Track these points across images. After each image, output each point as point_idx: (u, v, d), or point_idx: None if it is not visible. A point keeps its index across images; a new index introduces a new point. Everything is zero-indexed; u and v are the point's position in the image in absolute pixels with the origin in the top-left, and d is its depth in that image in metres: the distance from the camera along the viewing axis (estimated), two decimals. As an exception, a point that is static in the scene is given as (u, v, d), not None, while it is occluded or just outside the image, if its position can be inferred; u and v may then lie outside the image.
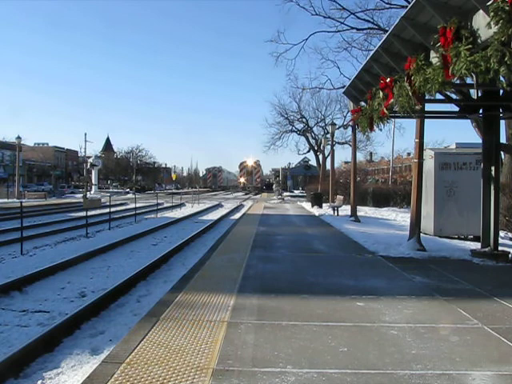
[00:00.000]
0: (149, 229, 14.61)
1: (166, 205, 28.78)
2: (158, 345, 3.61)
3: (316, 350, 3.54)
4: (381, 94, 7.45)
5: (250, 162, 72.82)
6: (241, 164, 74.97)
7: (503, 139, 13.57)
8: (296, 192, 59.41)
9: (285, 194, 47.32)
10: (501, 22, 4.33)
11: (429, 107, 8.85)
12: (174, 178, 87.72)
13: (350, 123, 15.90)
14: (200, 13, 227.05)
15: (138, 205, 22.10)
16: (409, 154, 63.25)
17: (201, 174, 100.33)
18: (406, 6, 7.72)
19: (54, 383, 3.82)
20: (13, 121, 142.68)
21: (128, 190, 65.88)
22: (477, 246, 8.80)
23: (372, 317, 4.45)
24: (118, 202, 30.15)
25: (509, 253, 7.99)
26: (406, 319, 4.40)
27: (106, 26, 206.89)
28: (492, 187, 8.08)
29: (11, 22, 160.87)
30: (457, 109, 8.61)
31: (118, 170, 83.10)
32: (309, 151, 52.62)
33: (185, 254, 10.48)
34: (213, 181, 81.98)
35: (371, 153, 72.01)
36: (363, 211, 19.70)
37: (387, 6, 21.44)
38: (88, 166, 50.99)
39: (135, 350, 3.48)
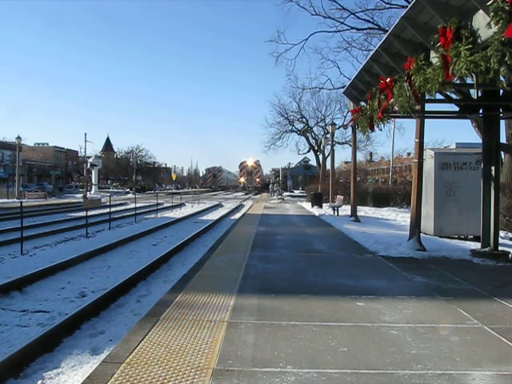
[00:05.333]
0: (149, 229, 14.61)
1: (165, 205, 28.77)
2: (158, 345, 3.61)
3: (316, 350, 3.54)
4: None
5: (250, 162, 72.84)
6: (241, 164, 75.01)
7: (503, 139, 13.60)
8: (296, 192, 59.39)
9: (285, 193, 47.36)
10: (501, 22, 4.34)
11: (429, 107, 8.86)
12: (173, 178, 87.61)
13: (350, 123, 15.89)
14: (200, 13, 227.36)
15: (137, 205, 22.10)
16: (409, 153, 63.19)
17: (201, 174, 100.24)
18: (406, 6, 7.72)
19: (54, 383, 3.82)
20: (13, 121, 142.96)
21: (128, 189, 65.88)
22: (477, 245, 8.80)
23: (372, 317, 4.45)
24: (118, 202, 30.15)
25: (509, 253, 7.99)
26: (406, 319, 4.40)
27: (106, 25, 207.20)
28: (492, 187, 8.08)
29: (11, 22, 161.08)
30: (457, 109, 8.61)
31: (118, 170, 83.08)
32: (309, 151, 52.63)
33: (185, 254, 10.48)
34: (213, 181, 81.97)
35: (371, 153, 71.98)
36: (363, 211, 19.70)
37: (387, 6, 21.48)
38: (88, 166, 51.00)
39: (135, 350, 3.48)
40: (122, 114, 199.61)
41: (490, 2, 4.60)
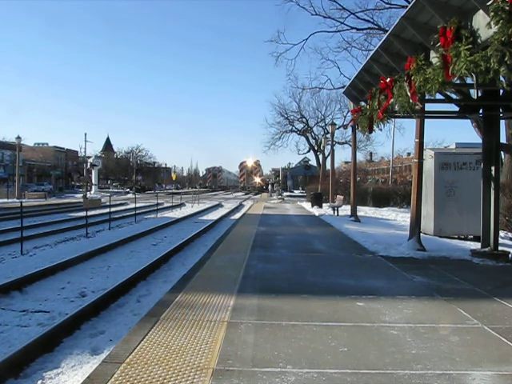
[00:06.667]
0: (149, 229, 14.61)
1: (165, 205, 28.77)
2: (158, 345, 3.61)
3: (316, 350, 3.54)
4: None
5: (250, 162, 72.83)
6: (241, 164, 75.06)
7: (503, 139, 13.60)
8: (296, 192, 59.40)
9: (285, 193, 47.37)
10: (501, 21, 4.34)
11: (429, 107, 8.86)
12: (174, 178, 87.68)
13: (350, 123, 15.92)
14: (200, 13, 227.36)
15: (137, 205, 22.10)
16: (409, 153, 63.23)
17: (201, 174, 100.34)
18: (406, 6, 7.72)
19: (54, 383, 3.82)
20: (13, 121, 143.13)
21: (128, 189, 65.93)
22: (477, 245, 8.80)
23: (372, 317, 4.45)
24: (118, 202, 30.15)
25: (509, 253, 7.99)
26: (406, 319, 4.40)
27: (106, 25, 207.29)
28: (492, 187, 8.07)
29: (11, 22, 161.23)
30: (457, 109, 8.61)
31: (118, 170, 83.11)
32: (309, 151, 52.67)
33: (185, 254, 10.48)
34: (213, 181, 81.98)
35: (371, 153, 72.09)
36: (363, 211, 19.70)
37: (387, 6, 21.48)
38: (88, 166, 51.01)
39: (135, 350, 3.48)
40: (122, 114, 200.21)
41: (490, 2, 4.60)
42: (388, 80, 7.19)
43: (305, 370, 3.17)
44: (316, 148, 49.57)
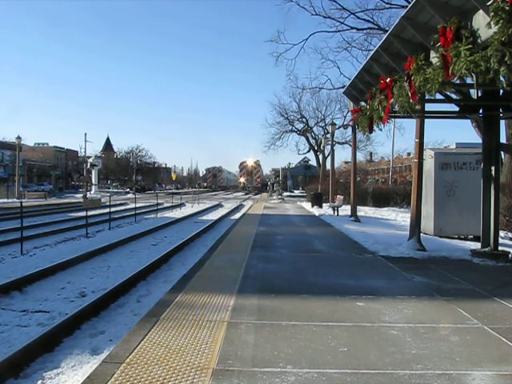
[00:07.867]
0: (149, 229, 14.61)
1: (165, 205, 28.76)
2: (158, 345, 3.61)
3: (316, 350, 3.54)
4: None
5: (250, 162, 72.77)
6: (241, 164, 74.95)
7: (503, 139, 13.60)
8: (296, 192, 59.39)
9: (285, 193, 47.37)
10: (501, 21, 4.34)
11: (429, 107, 8.86)
12: (174, 178, 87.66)
13: (350, 123, 15.91)
14: (200, 13, 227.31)
15: (137, 205, 22.09)
16: (409, 153, 63.20)
17: (201, 174, 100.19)
18: (406, 6, 7.72)
19: (54, 383, 3.82)
20: (13, 121, 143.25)
21: (128, 189, 65.90)
22: (477, 245, 8.80)
23: (372, 317, 4.45)
24: (118, 202, 30.14)
25: (509, 253, 7.99)
26: (406, 319, 4.40)
27: (106, 25, 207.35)
28: (492, 187, 8.08)
29: (11, 22, 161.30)
30: (457, 109, 8.61)
31: (118, 170, 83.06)
32: (309, 151, 52.63)
33: (185, 254, 10.48)
34: (213, 181, 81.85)
35: (371, 153, 71.97)
36: (363, 211, 19.70)
37: (387, 6, 21.48)
38: (88, 166, 51.00)
39: (135, 350, 3.48)
40: (122, 114, 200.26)
41: (490, 2, 4.60)
42: (388, 80, 7.19)
43: (305, 370, 3.17)
44: (316, 148, 49.54)
